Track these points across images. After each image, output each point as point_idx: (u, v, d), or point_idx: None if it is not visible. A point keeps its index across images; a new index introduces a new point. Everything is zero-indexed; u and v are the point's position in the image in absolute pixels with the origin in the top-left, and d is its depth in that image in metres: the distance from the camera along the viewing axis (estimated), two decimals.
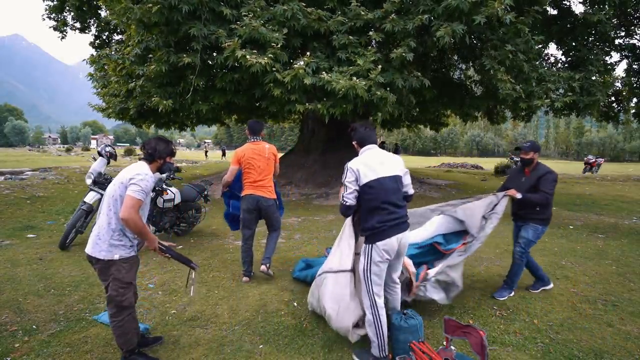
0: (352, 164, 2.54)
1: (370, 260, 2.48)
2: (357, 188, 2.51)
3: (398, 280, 2.78)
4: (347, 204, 2.53)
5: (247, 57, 6.42)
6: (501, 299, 3.63)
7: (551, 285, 3.90)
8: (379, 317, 2.48)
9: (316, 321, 3.13)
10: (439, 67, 11.38)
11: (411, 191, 2.68)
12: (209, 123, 14.59)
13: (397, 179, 2.57)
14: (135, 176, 2.33)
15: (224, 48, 6.66)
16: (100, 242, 2.35)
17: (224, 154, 33.70)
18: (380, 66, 6.88)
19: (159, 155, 2.51)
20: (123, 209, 2.26)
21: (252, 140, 3.97)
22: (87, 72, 11.23)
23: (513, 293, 3.74)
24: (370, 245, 2.49)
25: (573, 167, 28.73)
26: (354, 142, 2.73)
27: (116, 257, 2.35)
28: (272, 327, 3.02)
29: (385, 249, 2.46)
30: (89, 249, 2.39)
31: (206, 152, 34.47)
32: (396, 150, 26.44)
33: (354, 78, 6.63)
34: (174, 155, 2.65)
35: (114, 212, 2.35)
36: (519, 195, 3.50)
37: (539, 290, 3.82)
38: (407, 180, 2.65)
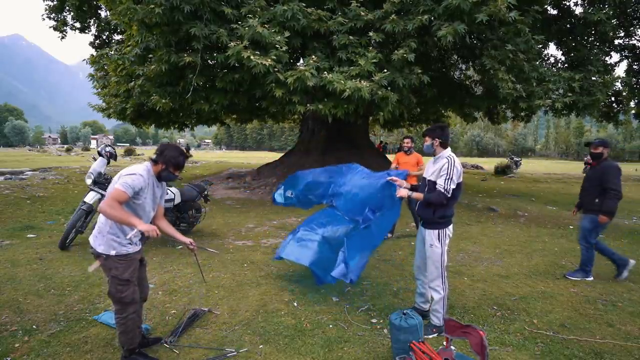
0: (457, 163, 2.89)
1: (445, 242, 2.97)
2: (455, 184, 2.88)
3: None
4: (449, 196, 2.87)
5: (252, 57, 6.42)
6: (572, 278, 4.19)
7: (633, 262, 4.27)
8: (447, 291, 2.99)
9: (316, 321, 3.13)
10: (439, 67, 11.39)
11: None
12: (209, 123, 14.60)
13: None
14: (126, 173, 2.35)
15: (227, 48, 6.65)
16: (100, 236, 2.40)
17: (187, 151, 34.56)
18: (385, 70, 6.89)
19: (163, 159, 2.44)
20: (103, 200, 2.27)
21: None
22: (87, 72, 11.24)
23: (590, 277, 4.18)
24: (444, 230, 2.96)
25: (573, 167, 28.74)
26: (437, 140, 2.97)
27: (112, 252, 2.38)
28: (272, 327, 3.02)
29: (451, 231, 3.02)
30: (91, 242, 2.45)
31: None
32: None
33: (363, 81, 6.63)
34: (180, 169, 2.52)
35: None
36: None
37: (624, 277, 4.19)
38: None
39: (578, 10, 11.22)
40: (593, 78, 9.33)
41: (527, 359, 2.64)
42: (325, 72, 6.87)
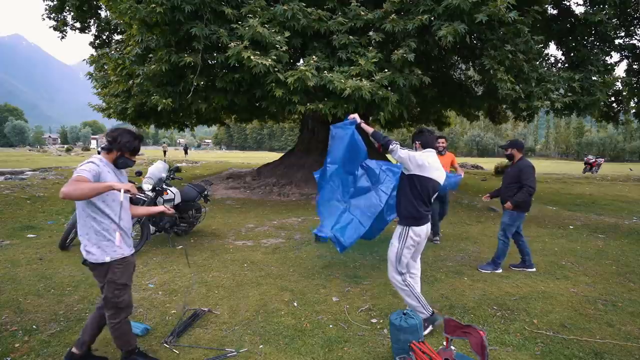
0: (419, 155, 2.92)
1: (405, 242, 2.94)
2: (406, 158, 2.90)
3: (419, 267, 3.22)
4: (388, 145, 2.99)
5: (252, 57, 6.43)
6: (483, 271, 4.43)
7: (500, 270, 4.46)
8: (412, 286, 2.97)
9: (316, 321, 3.13)
10: (439, 66, 11.39)
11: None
12: (209, 123, 14.60)
13: (439, 185, 3.05)
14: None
15: (228, 48, 6.66)
16: (89, 244, 2.28)
17: (186, 152, 34.50)
18: (386, 70, 6.89)
19: (118, 147, 2.31)
20: (63, 187, 2.07)
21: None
22: (87, 72, 11.23)
23: (499, 270, 4.44)
24: (406, 229, 2.94)
25: (573, 167, 28.72)
26: (417, 142, 3.11)
27: (107, 259, 2.27)
28: (272, 327, 3.02)
29: (418, 232, 2.95)
30: (83, 254, 2.32)
31: (165, 151, 33.20)
32: None
33: (364, 80, 6.63)
34: (135, 154, 2.41)
35: (87, 215, 2.27)
36: None
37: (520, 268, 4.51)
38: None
39: (578, 10, 11.22)
40: (593, 78, 9.32)
41: (527, 359, 2.64)
42: (326, 72, 6.88)
